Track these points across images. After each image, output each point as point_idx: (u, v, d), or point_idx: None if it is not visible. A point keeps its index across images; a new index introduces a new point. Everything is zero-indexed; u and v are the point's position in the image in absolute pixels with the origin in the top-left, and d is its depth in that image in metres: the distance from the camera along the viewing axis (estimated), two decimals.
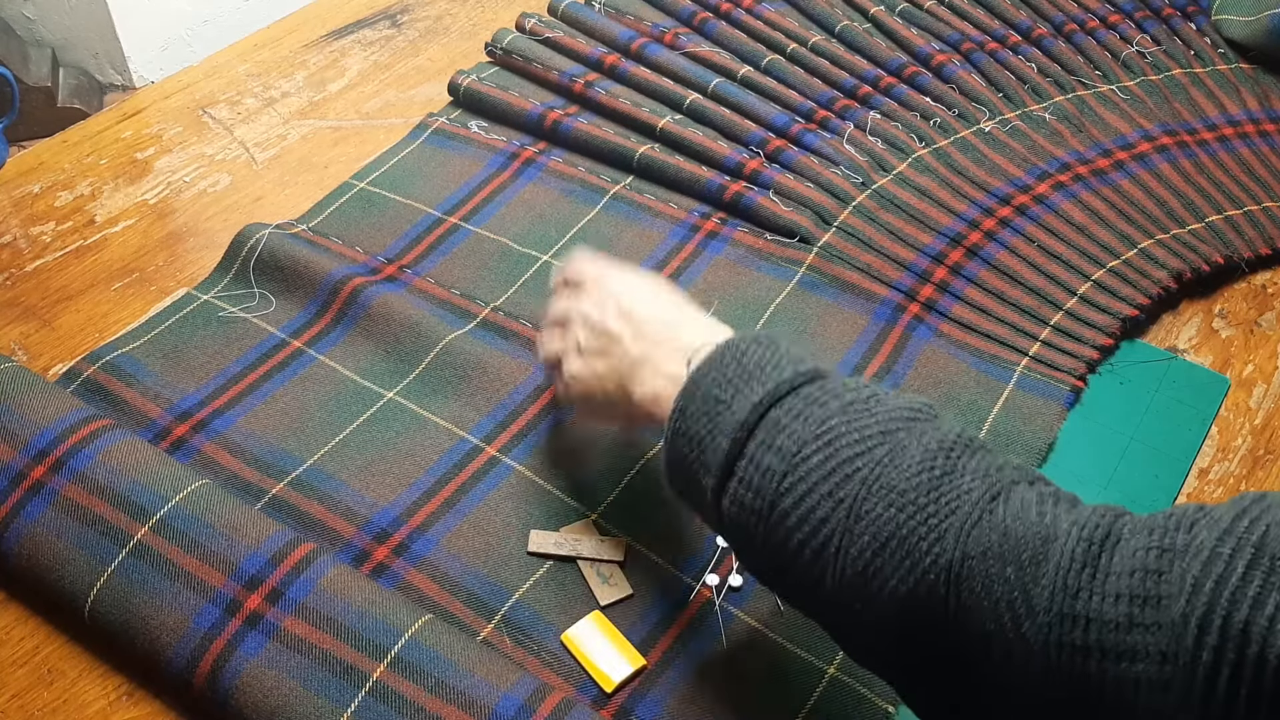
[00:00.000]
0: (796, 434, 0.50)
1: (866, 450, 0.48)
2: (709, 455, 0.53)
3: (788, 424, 0.51)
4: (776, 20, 1.04)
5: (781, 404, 0.51)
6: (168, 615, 0.58)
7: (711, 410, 0.53)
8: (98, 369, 0.74)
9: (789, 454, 0.50)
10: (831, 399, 0.51)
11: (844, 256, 0.83)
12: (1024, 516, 0.45)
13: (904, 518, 0.46)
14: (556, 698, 0.56)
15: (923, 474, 0.47)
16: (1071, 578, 0.42)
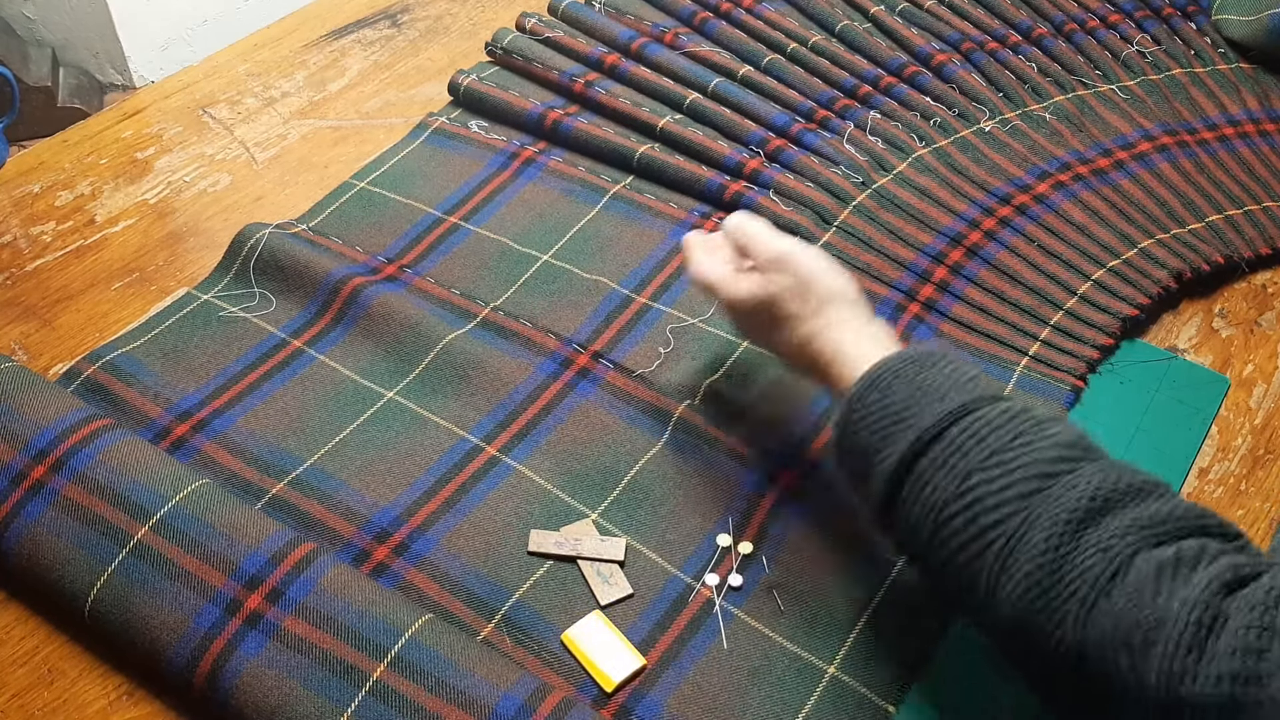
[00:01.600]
0: (941, 491, 0.53)
1: (1002, 520, 0.51)
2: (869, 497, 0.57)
3: (931, 476, 0.53)
4: (776, 20, 1.04)
5: (928, 453, 0.54)
6: (168, 615, 0.58)
7: (863, 454, 0.57)
8: (98, 369, 0.74)
9: (936, 509, 0.53)
10: (975, 447, 0.53)
11: (844, 256, 0.83)
12: (1138, 598, 0.46)
13: (1029, 600, 0.49)
14: (556, 697, 0.56)
15: (1047, 554, 0.49)
16: (1178, 664, 0.44)
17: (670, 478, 0.69)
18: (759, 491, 0.67)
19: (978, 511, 0.51)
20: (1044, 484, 0.51)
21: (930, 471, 0.53)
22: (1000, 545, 0.50)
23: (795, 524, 0.66)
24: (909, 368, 0.57)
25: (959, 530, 0.52)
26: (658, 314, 0.79)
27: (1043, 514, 0.50)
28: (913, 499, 0.54)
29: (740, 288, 0.66)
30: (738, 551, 0.65)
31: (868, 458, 0.56)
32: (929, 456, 0.54)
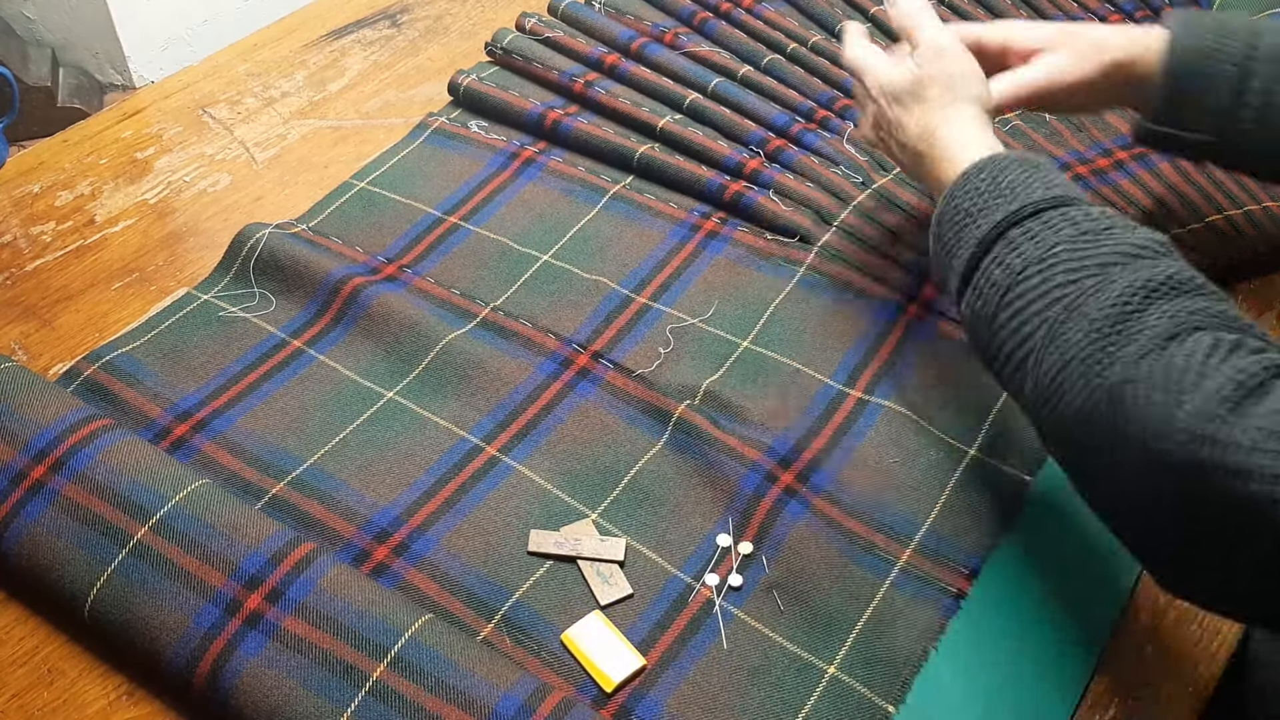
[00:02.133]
0: (1025, 254, 0.57)
1: (1078, 279, 0.54)
2: (955, 262, 0.62)
3: (1020, 244, 0.58)
4: (776, 20, 1.04)
5: (1022, 224, 0.59)
6: (168, 615, 0.58)
7: (960, 221, 0.62)
8: (98, 369, 0.74)
9: (1014, 271, 0.57)
10: (1067, 225, 0.57)
11: (844, 256, 0.83)
12: (1192, 356, 0.49)
13: (1087, 342, 0.52)
14: (556, 697, 0.56)
15: (1117, 306, 0.52)
16: (1212, 406, 0.46)
17: (670, 478, 0.69)
18: (759, 491, 0.67)
19: (1056, 271, 0.55)
20: (1126, 259, 0.54)
21: (1021, 240, 0.58)
22: (1072, 298, 0.54)
23: (795, 524, 0.66)
24: (1025, 160, 0.63)
25: (1033, 288, 0.56)
26: (658, 314, 0.79)
27: (1119, 280, 0.53)
28: (996, 261, 0.59)
29: (895, 70, 0.71)
30: (738, 551, 0.66)
31: (963, 225, 0.62)
32: (1023, 227, 0.59)
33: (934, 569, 0.65)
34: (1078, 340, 0.52)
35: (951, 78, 0.70)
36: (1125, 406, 0.49)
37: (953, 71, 0.70)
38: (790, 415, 0.73)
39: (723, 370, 0.76)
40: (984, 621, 0.63)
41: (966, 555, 0.66)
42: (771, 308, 0.80)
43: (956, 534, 0.67)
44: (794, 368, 0.76)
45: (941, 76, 0.70)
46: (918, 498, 0.68)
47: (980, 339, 0.60)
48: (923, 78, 0.70)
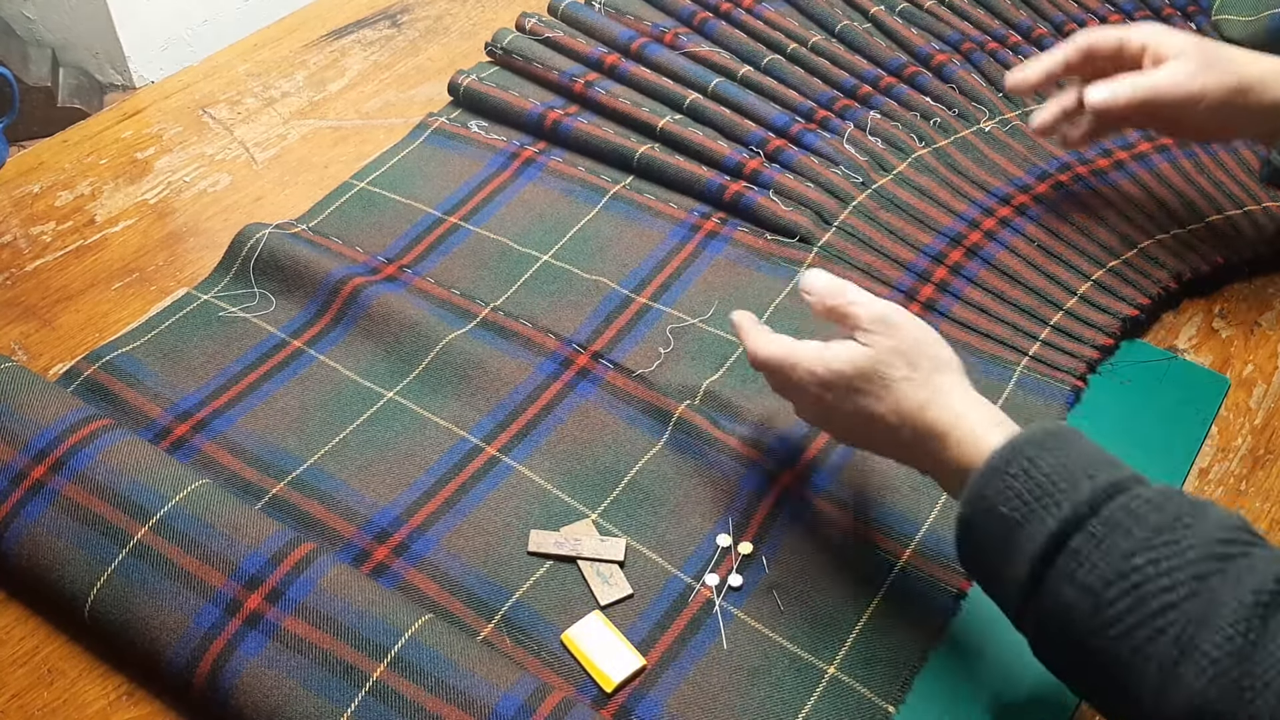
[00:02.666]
0: (1100, 571, 0.49)
1: (1177, 602, 0.47)
2: (1008, 574, 0.52)
3: (1089, 555, 0.49)
4: (776, 20, 1.04)
5: (1082, 529, 0.50)
6: (168, 615, 0.58)
7: (1004, 534, 0.52)
8: (98, 369, 0.74)
9: (1093, 593, 0.49)
10: (1134, 525, 0.49)
11: (844, 256, 0.83)
12: None
13: (1216, 692, 0.45)
14: (556, 697, 0.56)
15: (1236, 639, 0.46)
16: None
17: (670, 478, 0.69)
18: (759, 491, 0.67)
19: (1148, 592, 0.48)
20: (1219, 565, 0.48)
21: (1088, 549, 0.49)
22: (1179, 629, 0.47)
23: (795, 524, 0.66)
24: (1051, 440, 0.53)
25: (1125, 613, 0.48)
26: (658, 314, 0.79)
27: (1226, 598, 0.46)
28: (1065, 578, 0.50)
29: (838, 355, 0.60)
30: (738, 551, 0.66)
31: (1007, 536, 0.52)
32: (1085, 532, 0.50)
33: (934, 569, 0.65)
34: (1203, 689, 0.45)
35: (913, 348, 0.59)
36: None
37: (911, 341, 0.60)
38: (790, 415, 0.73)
39: (723, 370, 0.76)
40: (984, 621, 0.63)
41: None
42: (771, 308, 0.80)
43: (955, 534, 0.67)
44: None
45: (903, 349, 0.59)
46: (918, 498, 0.68)
47: (1058, 658, 0.53)
48: (880, 357, 0.59)
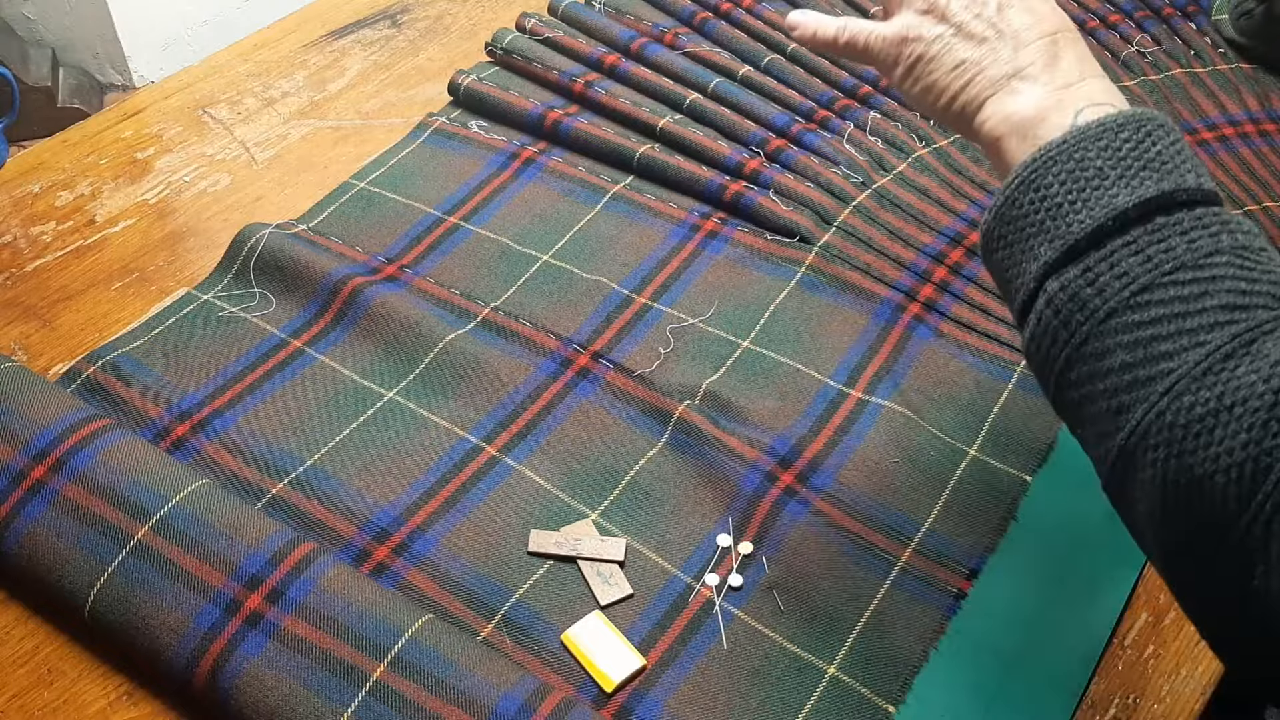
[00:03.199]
0: (1177, 253, 0.44)
1: (1248, 307, 0.43)
2: (1060, 227, 0.47)
3: (1169, 238, 0.45)
4: (776, 20, 1.04)
5: (1171, 214, 0.45)
6: (168, 615, 0.58)
7: (1087, 180, 0.47)
8: (98, 369, 0.74)
9: (1160, 269, 0.44)
10: (1225, 233, 0.45)
11: (844, 256, 0.83)
12: None
13: (1270, 391, 0.41)
14: (556, 697, 0.56)
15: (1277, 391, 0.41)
16: None
17: (670, 478, 0.69)
18: (759, 491, 0.67)
19: (1213, 290, 0.43)
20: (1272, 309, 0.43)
21: (1171, 233, 0.45)
22: (1242, 328, 0.42)
23: (795, 524, 0.66)
24: (1178, 132, 0.48)
25: (1182, 300, 0.43)
26: (658, 314, 0.79)
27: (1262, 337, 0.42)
28: (1136, 250, 0.45)
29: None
30: (738, 552, 0.66)
31: (1095, 184, 0.47)
32: (1174, 217, 0.45)
33: (934, 569, 0.65)
34: (1251, 383, 0.41)
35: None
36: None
37: None
38: (790, 415, 0.73)
39: (723, 370, 0.76)
40: (984, 621, 0.63)
41: (966, 555, 0.66)
42: (771, 308, 0.80)
43: (956, 534, 0.67)
44: (794, 368, 0.76)
45: None
46: (918, 498, 0.68)
47: (1065, 334, 0.46)
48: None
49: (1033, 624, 0.62)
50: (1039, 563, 0.65)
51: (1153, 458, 0.43)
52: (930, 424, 0.72)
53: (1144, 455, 0.43)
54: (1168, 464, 0.42)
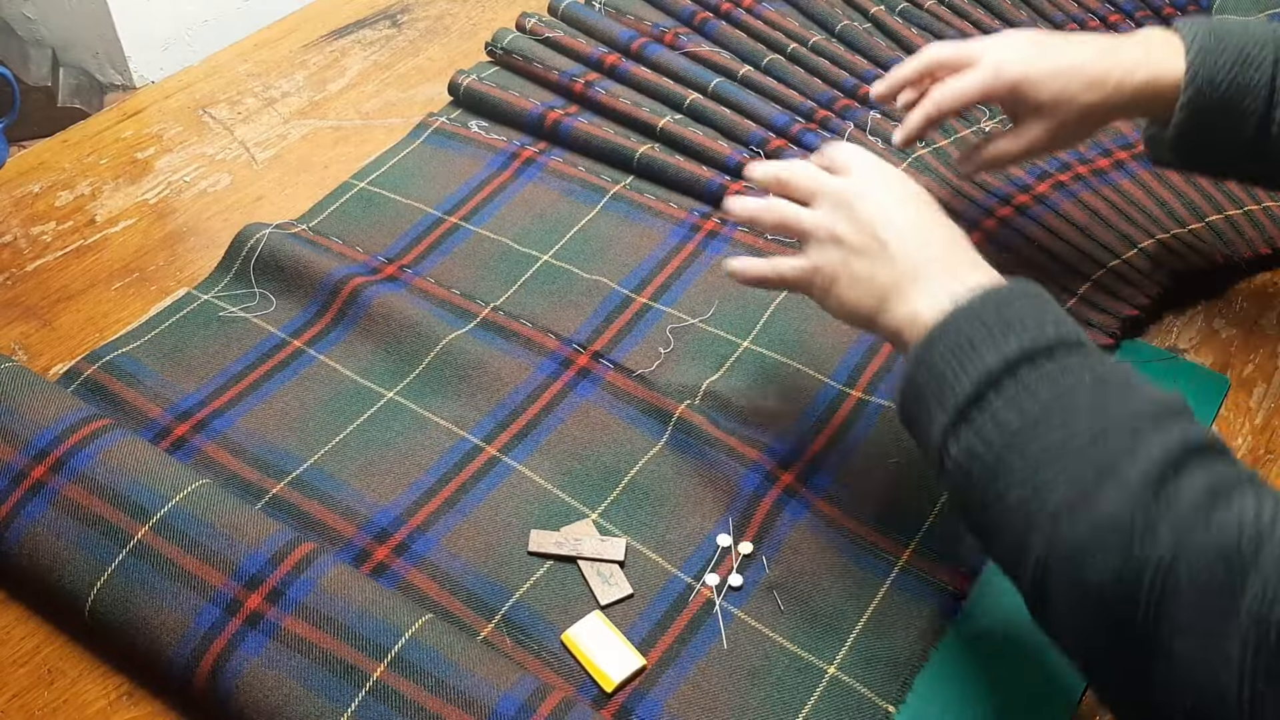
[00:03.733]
0: (1041, 399, 0.51)
1: (1107, 440, 0.49)
2: (948, 394, 0.54)
3: (1035, 386, 0.51)
4: (777, 20, 1.04)
5: (1036, 363, 0.52)
6: (168, 615, 0.58)
7: (962, 351, 0.54)
8: (98, 369, 0.74)
9: (1029, 417, 0.51)
10: (1085, 373, 0.52)
11: None
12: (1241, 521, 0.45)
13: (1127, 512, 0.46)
14: (556, 698, 0.56)
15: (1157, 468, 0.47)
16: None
17: (670, 478, 0.69)
18: (759, 491, 0.67)
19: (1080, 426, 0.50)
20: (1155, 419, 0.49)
21: (1036, 381, 0.51)
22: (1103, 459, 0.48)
23: (795, 524, 0.66)
24: (1029, 293, 0.56)
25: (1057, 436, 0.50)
26: (658, 314, 0.79)
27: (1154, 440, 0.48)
28: (1008, 402, 0.51)
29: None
30: (738, 552, 0.66)
31: (966, 353, 0.54)
32: (1037, 367, 0.52)
33: (934, 569, 0.65)
34: (1115, 510, 0.46)
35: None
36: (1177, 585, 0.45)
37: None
38: (790, 415, 0.73)
39: (723, 370, 0.76)
40: (984, 621, 0.63)
41: (967, 555, 0.66)
42: (771, 308, 0.80)
43: (956, 534, 0.67)
44: (794, 368, 0.76)
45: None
46: (918, 498, 0.68)
47: (973, 485, 0.52)
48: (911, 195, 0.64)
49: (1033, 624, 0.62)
50: None
51: (1055, 581, 0.48)
52: None
53: (1049, 580, 0.49)
54: (1068, 584, 0.48)
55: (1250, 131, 0.68)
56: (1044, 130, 0.72)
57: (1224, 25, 0.68)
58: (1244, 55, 0.66)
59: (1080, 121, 0.71)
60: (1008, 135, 0.73)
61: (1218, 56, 0.67)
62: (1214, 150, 0.70)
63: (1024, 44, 0.72)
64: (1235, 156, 0.70)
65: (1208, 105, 0.68)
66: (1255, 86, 0.67)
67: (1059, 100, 0.70)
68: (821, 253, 0.63)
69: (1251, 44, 0.67)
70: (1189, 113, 0.68)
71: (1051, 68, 0.70)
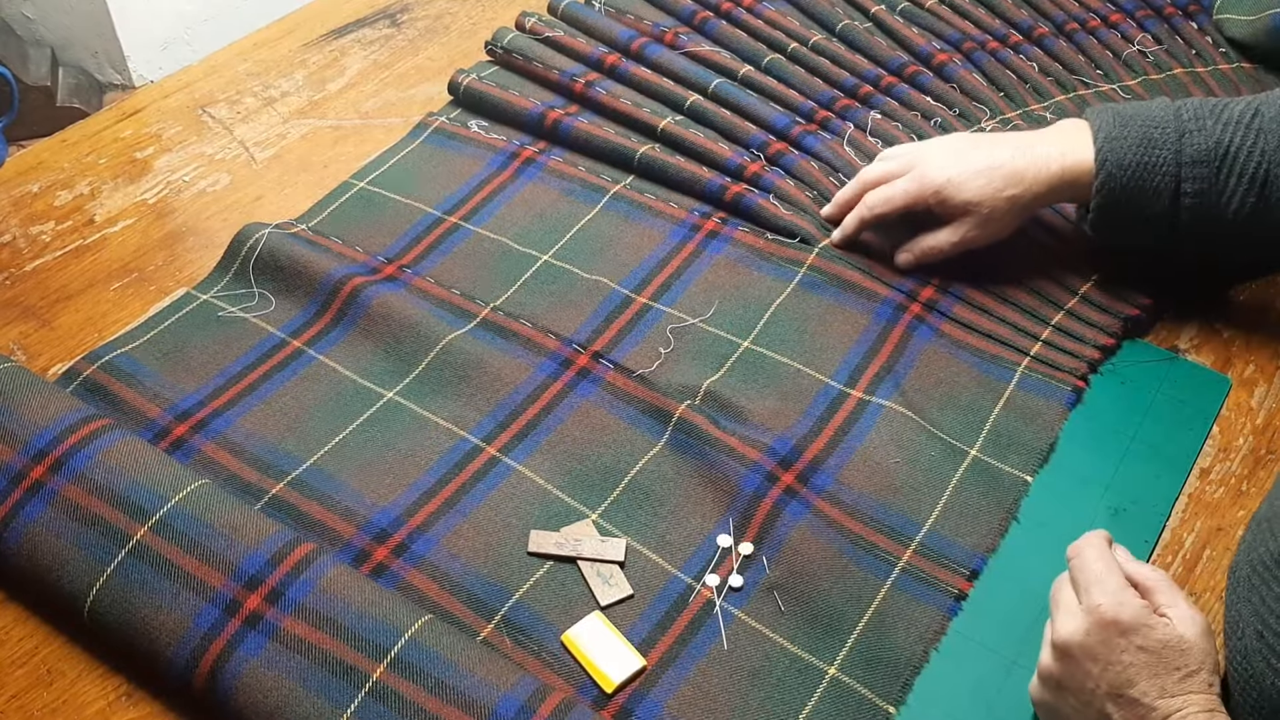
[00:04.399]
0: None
1: None
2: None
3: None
4: (777, 20, 1.04)
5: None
6: (168, 615, 0.58)
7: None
8: (97, 369, 0.74)
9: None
10: None
11: (845, 257, 0.83)
12: None
13: None
14: (556, 698, 0.56)
15: None
16: None
17: (670, 478, 0.69)
18: (759, 491, 0.67)
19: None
20: None
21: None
22: None
23: (795, 524, 0.66)
24: None
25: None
26: (658, 314, 0.79)
27: None
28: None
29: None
30: (738, 552, 0.65)
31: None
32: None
33: (934, 569, 0.65)
34: None
35: None
36: None
37: None
38: (790, 415, 0.72)
39: (723, 370, 0.75)
40: (984, 621, 0.63)
41: (966, 555, 0.66)
42: (772, 308, 0.80)
43: (956, 534, 0.67)
44: (795, 368, 0.76)
45: None
46: (918, 498, 0.68)
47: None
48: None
49: (1033, 624, 0.62)
50: (1039, 563, 0.65)
51: None
52: (931, 424, 0.72)
53: None
54: None
55: (1163, 206, 0.75)
56: (972, 225, 0.78)
57: (1127, 110, 0.76)
58: (1147, 138, 0.74)
59: (1005, 214, 0.78)
60: (943, 230, 0.79)
61: (1123, 142, 0.75)
62: (1132, 228, 0.77)
63: (946, 154, 0.79)
64: (1153, 232, 0.76)
65: (1118, 187, 0.75)
66: (1161, 165, 0.74)
67: (982, 198, 0.77)
68: None
69: (1154, 126, 0.75)
70: (1103, 196, 0.75)
71: (972, 170, 0.77)
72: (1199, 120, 0.74)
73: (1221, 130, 0.73)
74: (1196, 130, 0.74)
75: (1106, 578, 0.56)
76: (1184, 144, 0.74)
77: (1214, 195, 0.73)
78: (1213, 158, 0.73)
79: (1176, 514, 0.69)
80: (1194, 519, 0.69)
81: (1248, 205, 0.73)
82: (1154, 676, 0.53)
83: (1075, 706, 0.55)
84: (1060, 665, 0.55)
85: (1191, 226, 0.75)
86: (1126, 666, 0.53)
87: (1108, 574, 0.56)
